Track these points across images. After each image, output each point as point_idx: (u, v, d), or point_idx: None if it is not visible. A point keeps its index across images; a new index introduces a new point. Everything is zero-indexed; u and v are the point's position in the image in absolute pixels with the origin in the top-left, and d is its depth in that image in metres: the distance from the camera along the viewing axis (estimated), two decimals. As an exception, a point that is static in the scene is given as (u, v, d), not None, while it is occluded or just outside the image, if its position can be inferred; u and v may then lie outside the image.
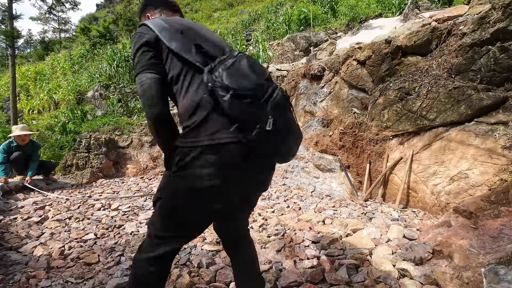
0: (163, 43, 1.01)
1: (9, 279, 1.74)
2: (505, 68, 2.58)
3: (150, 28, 1.03)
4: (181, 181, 0.95)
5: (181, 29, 1.04)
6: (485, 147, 2.49)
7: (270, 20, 11.47)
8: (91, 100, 8.46)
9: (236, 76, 0.88)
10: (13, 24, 7.78)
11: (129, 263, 1.92)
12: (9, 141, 3.94)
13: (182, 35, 1.03)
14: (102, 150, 5.03)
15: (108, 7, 34.75)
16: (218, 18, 20.95)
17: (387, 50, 3.56)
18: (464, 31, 2.98)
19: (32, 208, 3.05)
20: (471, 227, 1.81)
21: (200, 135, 0.90)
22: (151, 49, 1.01)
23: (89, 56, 13.00)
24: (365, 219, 2.62)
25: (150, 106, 0.98)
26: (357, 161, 3.60)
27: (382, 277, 1.60)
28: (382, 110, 3.34)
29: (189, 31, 1.06)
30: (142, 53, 1.01)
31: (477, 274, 1.39)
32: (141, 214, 2.90)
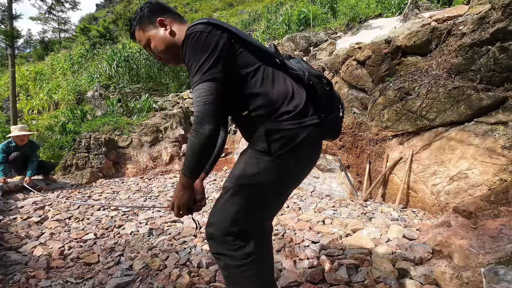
0: (239, 39, 0.98)
1: (9, 279, 1.74)
2: (504, 68, 2.58)
3: (218, 25, 0.95)
4: (291, 163, 1.00)
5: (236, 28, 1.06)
6: (484, 147, 2.49)
7: (270, 20, 11.48)
8: (91, 100, 8.45)
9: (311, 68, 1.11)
10: (13, 24, 7.78)
11: (128, 263, 1.92)
12: (8, 141, 3.94)
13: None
14: (102, 150, 5.03)
15: (108, 7, 34.74)
16: (218, 18, 20.93)
17: (387, 50, 3.56)
18: (463, 31, 2.99)
19: (32, 208, 3.05)
20: (470, 227, 1.81)
21: (306, 116, 1.00)
22: (221, 50, 0.93)
23: (88, 56, 13.00)
24: (365, 219, 2.62)
25: (209, 123, 0.90)
26: (357, 161, 3.60)
27: (382, 277, 1.60)
28: (382, 110, 3.34)
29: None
30: (209, 56, 0.92)
31: (477, 274, 1.40)
32: (141, 214, 2.89)
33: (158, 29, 1.11)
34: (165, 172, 5.33)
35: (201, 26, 0.94)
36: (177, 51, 1.08)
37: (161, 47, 1.11)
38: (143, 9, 1.14)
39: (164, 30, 1.10)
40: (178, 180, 1.04)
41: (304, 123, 0.99)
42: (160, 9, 1.13)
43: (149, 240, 2.32)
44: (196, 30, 0.93)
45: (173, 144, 5.83)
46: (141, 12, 1.13)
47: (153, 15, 1.11)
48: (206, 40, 0.93)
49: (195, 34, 0.93)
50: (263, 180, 0.98)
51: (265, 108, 0.99)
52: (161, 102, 7.32)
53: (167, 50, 1.11)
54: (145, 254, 2.04)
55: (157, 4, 1.15)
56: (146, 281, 1.71)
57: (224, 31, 0.96)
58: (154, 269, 1.82)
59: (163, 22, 1.10)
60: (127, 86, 8.38)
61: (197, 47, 0.93)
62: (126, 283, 1.67)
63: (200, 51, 0.92)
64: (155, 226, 2.58)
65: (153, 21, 1.11)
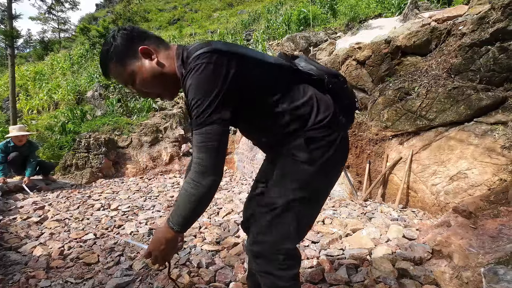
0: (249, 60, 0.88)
1: (9, 279, 1.74)
2: (504, 68, 2.58)
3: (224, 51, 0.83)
4: (330, 169, 0.98)
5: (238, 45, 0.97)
6: (484, 147, 2.49)
7: (269, 20, 11.48)
8: (91, 100, 8.45)
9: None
10: (13, 24, 7.78)
11: (128, 263, 1.91)
12: (6, 141, 3.93)
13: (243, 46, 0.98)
14: (101, 150, 5.03)
15: (108, 7, 34.72)
16: (218, 18, 20.95)
17: (386, 50, 3.56)
18: (463, 31, 2.99)
19: (32, 208, 3.05)
20: (470, 227, 1.81)
21: (337, 120, 0.97)
22: (230, 82, 0.82)
23: (88, 56, 12.99)
24: (364, 219, 2.62)
25: (212, 174, 0.82)
26: (357, 161, 3.60)
27: (382, 277, 1.60)
28: (382, 110, 3.35)
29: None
30: (216, 93, 0.80)
31: (477, 274, 1.40)
32: (141, 214, 2.89)
33: (142, 60, 0.91)
34: (165, 172, 5.33)
35: (205, 56, 0.81)
36: (170, 81, 0.94)
37: (150, 82, 0.93)
38: (116, 37, 0.91)
39: (149, 61, 0.91)
40: (159, 229, 0.92)
41: (336, 127, 0.96)
42: (138, 35, 0.93)
43: (149, 240, 2.32)
44: (200, 62, 0.80)
45: (173, 144, 5.83)
46: (114, 41, 0.90)
47: (132, 44, 0.91)
48: (212, 73, 0.80)
49: (199, 67, 0.80)
50: (311, 192, 0.95)
51: (294, 123, 0.93)
52: (160, 102, 7.31)
53: (158, 84, 0.94)
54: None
55: (133, 29, 0.94)
56: (146, 281, 1.71)
57: (231, 57, 0.83)
58: (154, 269, 1.82)
59: (147, 51, 0.91)
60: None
61: (202, 83, 0.80)
62: (126, 283, 1.67)
63: (205, 87, 0.80)
64: (155, 226, 2.58)
65: (134, 52, 0.91)
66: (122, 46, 0.90)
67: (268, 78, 0.93)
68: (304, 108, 0.94)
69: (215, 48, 0.82)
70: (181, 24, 20.77)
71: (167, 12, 27.92)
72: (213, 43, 0.86)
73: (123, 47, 0.90)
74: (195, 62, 0.81)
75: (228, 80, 0.81)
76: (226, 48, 0.84)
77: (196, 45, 0.88)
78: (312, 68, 1.02)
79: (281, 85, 0.94)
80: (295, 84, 0.98)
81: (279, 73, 0.96)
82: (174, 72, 0.93)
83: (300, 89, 0.97)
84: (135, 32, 0.93)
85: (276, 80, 0.94)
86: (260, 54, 0.96)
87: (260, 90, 0.91)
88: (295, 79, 0.99)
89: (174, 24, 22.09)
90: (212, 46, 0.83)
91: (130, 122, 6.20)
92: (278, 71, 0.96)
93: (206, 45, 0.84)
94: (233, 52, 0.85)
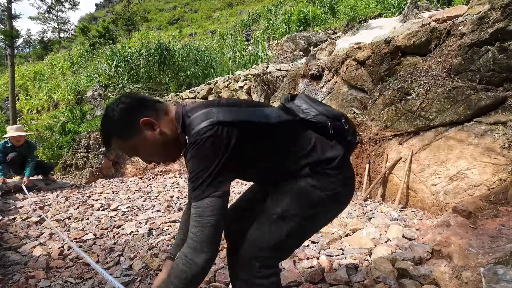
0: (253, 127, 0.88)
1: (8, 279, 1.74)
2: (504, 68, 2.58)
3: (226, 122, 0.83)
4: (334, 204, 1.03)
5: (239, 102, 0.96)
6: (484, 147, 2.49)
7: (269, 20, 11.49)
8: (90, 100, 8.45)
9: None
10: (12, 24, 7.77)
11: (128, 263, 1.91)
12: (5, 141, 3.92)
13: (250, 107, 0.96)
14: (101, 150, 5.03)
15: (108, 7, 34.70)
16: (218, 18, 20.95)
17: (386, 50, 3.56)
18: (463, 31, 2.99)
19: (31, 208, 3.05)
20: (470, 227, 1.82)
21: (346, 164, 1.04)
22: (231, 152, 0.82)
23: (88, 56, 12.99)
24: (364, 219, 2.62)
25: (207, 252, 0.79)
26: (357, 161, 3.60)
27: (382, 277, 1.60)
28: (382, 110, 3.35)
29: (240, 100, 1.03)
30: (215, 165, 0.80)
31: (476, 274, 1.40)
32: (141, 214, 2.89)
33: (144, 132, 0.89)
34: (164, 172, 5.33)
35: (207, 129, 0.81)
36: (173, 147, 0.95)
37: (153, 153, 0.94)
38: (115, 111, 0.88)
39: (152, 132, 0.90)
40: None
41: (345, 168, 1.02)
42: (137, 106, 0.91)
43: (148, 240, 2.32)
44: (201, 137, 0.80)
45: (172, 144, 5.83)
46: (114, 116, 0.88)
47: (132, 117, 0.88)
48: (213, 147, 0.80)
49: (200, 141, 0.80)
50: (315, 212, 0.98)
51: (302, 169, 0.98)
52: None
53: (161, 152, 0.95)
54: (145, 254, 2.04)
55: (133, 99, 0.92)
56: (145, 281, 1.71)
57: (233, 127, 0.83)
58: (153, 269, 1.82)
59: (149, 123, 0.89)
60: (126, 86, 8.38)
61: (202, 157, 0.80)
62: (126, 283, 1.67)
63: (205, 161, 0.80)
64: (154, 226, 2.58)
65: (135, 125, 0.89)
66: (123, 121, 0.89)
67: (271, 138, 0.94)
68: (311, 154, 0.97)
69: (218, 121, 0.82)
70: (181, 24, 20.77)
71: (167, 12, 27.92)
72: (216, 112, 0.85)
73: (123, 123, 0.89)
74: (196, 137, 0.81)
75: (229, 149, 0.82)
76: (229, 117, 0.84)
77: (199, 114, 0.86)
78: (314, 110, 1.04)
79: (285, 140, 0.97)
80: (299, 133, 1.01)
81: (282, 130, 0.98)
82: (176, 138, 0.93)
83: (305, 137, 1.01)
84: (134, 104, 0.91)
85: (280, 137, 0.96)
86: (264, 117, 0.94)
87: (263, 149, 0.93)
88: (299, 128, 1.02)
89: (174, 24, 22.10)
90: (214, 118, 0.83)
91: (130, 122, 6.19)
92: (281, 129, 0.97)
93: (208, 116, 0.84)
94: (236, 121, 0.85)
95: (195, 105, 0.93)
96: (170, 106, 0.99)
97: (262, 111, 0.97)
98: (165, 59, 8.73)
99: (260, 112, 0.95)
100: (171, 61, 8.83)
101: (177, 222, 2.68)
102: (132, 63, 8.90)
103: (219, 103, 0.92)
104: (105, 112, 0.92)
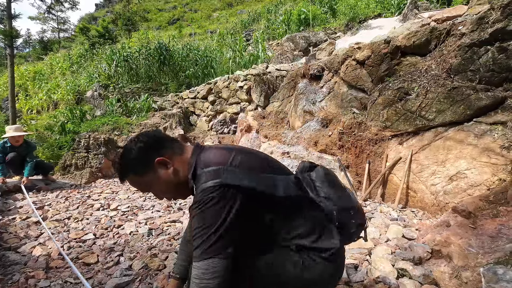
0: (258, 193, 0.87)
1: (8, 279, 1.73)
2: (503, 68, 2.59)
3: (232, 185, 0.84)
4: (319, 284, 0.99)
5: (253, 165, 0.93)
6: (483, 147, 2.49)
7: (269, 20, 11.49)
8: (90, 100, 8.44)
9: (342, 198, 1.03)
10: (12, 24, 7.76)
11: (128, 263, 1.91)
12: (4, 141, 3.92)
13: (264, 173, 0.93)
14: (101, 150, 5.02)
15: (107, 7, 34.70)
16: (218, 18, 20.96)
17: (386, 50, 3.56)
18: (463, 31, 2.99)
19: (31, 208, 3.04)
20: (470, 227, 1.82)
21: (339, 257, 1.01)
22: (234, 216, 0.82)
23: (88, 56, 12.98)
24: (364, 219, 2.62)
25: None
26: (356, 161, 3.60)
27: (381, 277, 1.60)
28: (381, 110, 3.35)
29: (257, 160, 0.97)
30: (218, 227, 0.80)
31: (476, 274, 1.40)
32: (140, 214, 2.89)
33: (158, 170, 0.95)
34: (164, 172, 5.32)
35: (213, 190, 0.83)
36: (184, 187, 0.97)
37: (165, 190, 0.98)
38: (133, 150, 0.94)
39: (165, 170, 0.95)
40: None
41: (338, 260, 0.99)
42: (156, 145, 0.97)
43: (148, 240, 2.32)
44: (206, 197, 0.82)
45: (172, 144, 5.82)
46: (131, 154, 0.94)
47: (149, 156, 0.94)
48: (216, 207, 0.82)
49: (205, 200, 0.82)
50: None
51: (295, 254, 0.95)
52: (160, 102, 7.31)
53: (173, 190, 0.99)
54: (145, 254, 2.04)
55: (150, 138, 0.97)
56: (145, 281, 1.71)
57: (238, 192, 0.84)
58: (153, 269, 1.82)
59: (163, 162, 0.95)
60: (126, 86, 8.38)
61: (206, 216, 0.82)
62: (126, 283, 1.67)
63: (209, 221, 0.81)
64: (154, 226, 2.57)
65: (151, 164, 0.94)
66: (139, 160, 0.94)
67: (272, 210, 0.93)
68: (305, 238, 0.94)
69: (225, 183, 0.83)
70: (181, 24, 20.77)
71: (166, 12, 27.92)
72: (224, 174, 0.85)
73: (139, 161, 0.94)
74: (202, 195, 0.83)
75: (232, 212, 0.82)
76: (237, 181, 0.85)
77: (210, 171, 0.87)
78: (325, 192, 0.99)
79: (285, 216, 0.94)
80: (302, 213, 0.97)
81: (286, 205, 0.94)
82: (187, 180, 0.95)
83: (307, 219, 0.96)
84: (151, 143, 0.96)
85: (281, 211, 0.94)
86: (272, 186, 0.92)
87: (262, 218, 0.92)
88: (305, 207, 0.98)
89: (174, 24, 22.10)
90: (222, 180, 0.84)
91: (130, 122, 6.19)
92: (285, 204, 0.94)
93: (217, 176, 0.85)
94: (243, 186, 0.85)
95: (211, 154, 0.94)
96: (187, 146, 1.03)
97: (273, 179, 0.94)
98: (165, 59, 8.73)
99: (270, 180, 0.94)
100: (171, 61, 8.83)
101: (177, 222, 2.68)
102: (132, 63, 8.90)
103: (232, 161, 0.91)
104: (124, 149, 0.98)
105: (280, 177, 0.98)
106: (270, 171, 0.97)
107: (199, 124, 6.80)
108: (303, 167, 1.08)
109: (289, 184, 0.98)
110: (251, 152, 1.02)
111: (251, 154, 1.00)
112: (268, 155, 1.11)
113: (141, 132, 1.03)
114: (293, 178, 1.02)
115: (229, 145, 1.04)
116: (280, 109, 5.34)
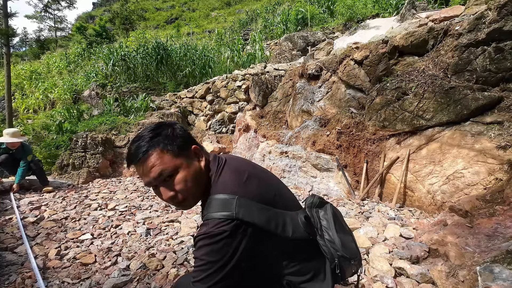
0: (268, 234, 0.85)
1: (5, 279, 1.72)
2: (500, 68, 2.60)
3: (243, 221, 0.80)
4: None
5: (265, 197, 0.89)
6: (480, 146, 2.51)
7: (267, 20, 11.49)
8: (88, 99, 8.39)
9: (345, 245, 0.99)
10: (8, 22, 7.70)
11: (126, 263, 1.91)
12: None
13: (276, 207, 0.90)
14: (98, 149, 5.00)
15: (105, 6, 34.52)
16: (216, 17, 20.91)
17: (384, 50, 3.57)
18: (460, 31, 3.01)
19: (28, 208, 3.03)
20: (466, 226, 1.83)
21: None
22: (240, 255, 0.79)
23: (85, 55, 12.90)
24: (362, 218, 2.63)
25: None
26: (354, 160, 3.61)
27: (379, 276, 1.61)
28: (379, 109, 3.36)
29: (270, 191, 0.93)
30: (222, 265, 0.77)
31: (473, 273, 1.41)
32: (138, 214, 2.88)
33: (191, 159, 0.90)
34: (162, 171, 5.31)
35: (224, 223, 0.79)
36: (202, 188, 0.92)
37: (190, 183, 0.88)
38: (174, 130, 0.90)
39: (197, 162, 0.91)
40: None
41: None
42: (190, 135, 0.95)
43: (146, 240, 2.31)
44: (216, 229, 0.78)
45: (170, 144, 5.80)
46: (167, 131, 0.89)
47: (188, 141, 0.91)
48: (225, 242, 0.78)
49: (213, 233, 0.78)
50: None
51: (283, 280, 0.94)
52: (158, 101, 7.28)
53: (194, 186, 0.90)
54: (143, 254, 2.03)
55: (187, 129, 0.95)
56: (143, 281, 1.71)
57: (248, 228, 0.81)
58: (151, 269, 1.82)
59: (199, 152, 0.92)
60: (124, 85, 8.34)
61: (213, 249, 0.78)
62: (124, 283, 1.66)
63: (215, 256, 0.78)
64: (152, 226, 2.57)
65: (187, 148, 0.90)
66: (181, 138, 0.89)
67: (279, 249, 0.90)
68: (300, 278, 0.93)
69: (236, 218, 0.79)
70: (179, 23, 20.69)
71: (164, 11, 27.83)
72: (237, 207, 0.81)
73: (181, 139, 0.89)
74: (211, 227, 0.79)
75: (240, 249, 0.79)
76: (249, 218, 0.81)
77: (223, 200, 0.83)
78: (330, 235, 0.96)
79: (288, 256, 0.92)
80: (305, 253, 0.95)
81: (291, 247, 0.92)
82: (208, 182, 0.92)
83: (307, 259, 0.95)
84: (187, 131, 0.94)
85: (287, 251, 0.92)
86: (281, 226, 0.89)
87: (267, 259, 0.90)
88: (309, 249, 0.96)
89: (172, 23, 22.03)
90: (234, 213, 0.80)
91: (127, 121, 6.16)
92: (291, 244, 0.92)
93: (229, 207, 0.81)
94: (254, 223, 0.82)
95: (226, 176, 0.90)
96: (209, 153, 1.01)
97: (283, 217, 0.91)
98: (163, 58, 8.69)
99: (281, 218, 0.90)
100: (169, 61, 8.79)
101: (175, 222, 2.67)
102: (129, 62, 8.85)
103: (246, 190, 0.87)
104: (156, 124, 0.91)
105: (290, 214, 0.95)
106: (281, 205, 0.94)
107: (197, 123, 6.78)
108: (312, 202, 1.04)
109: (298, 223, 0.95)
110: (264, 179, 0.97)
111: (265, 181, 0.96)
112: (280, 181, 1.07)
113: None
114: (303, 216, 0.98)
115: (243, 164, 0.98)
116: (278, 109, 5.35)
